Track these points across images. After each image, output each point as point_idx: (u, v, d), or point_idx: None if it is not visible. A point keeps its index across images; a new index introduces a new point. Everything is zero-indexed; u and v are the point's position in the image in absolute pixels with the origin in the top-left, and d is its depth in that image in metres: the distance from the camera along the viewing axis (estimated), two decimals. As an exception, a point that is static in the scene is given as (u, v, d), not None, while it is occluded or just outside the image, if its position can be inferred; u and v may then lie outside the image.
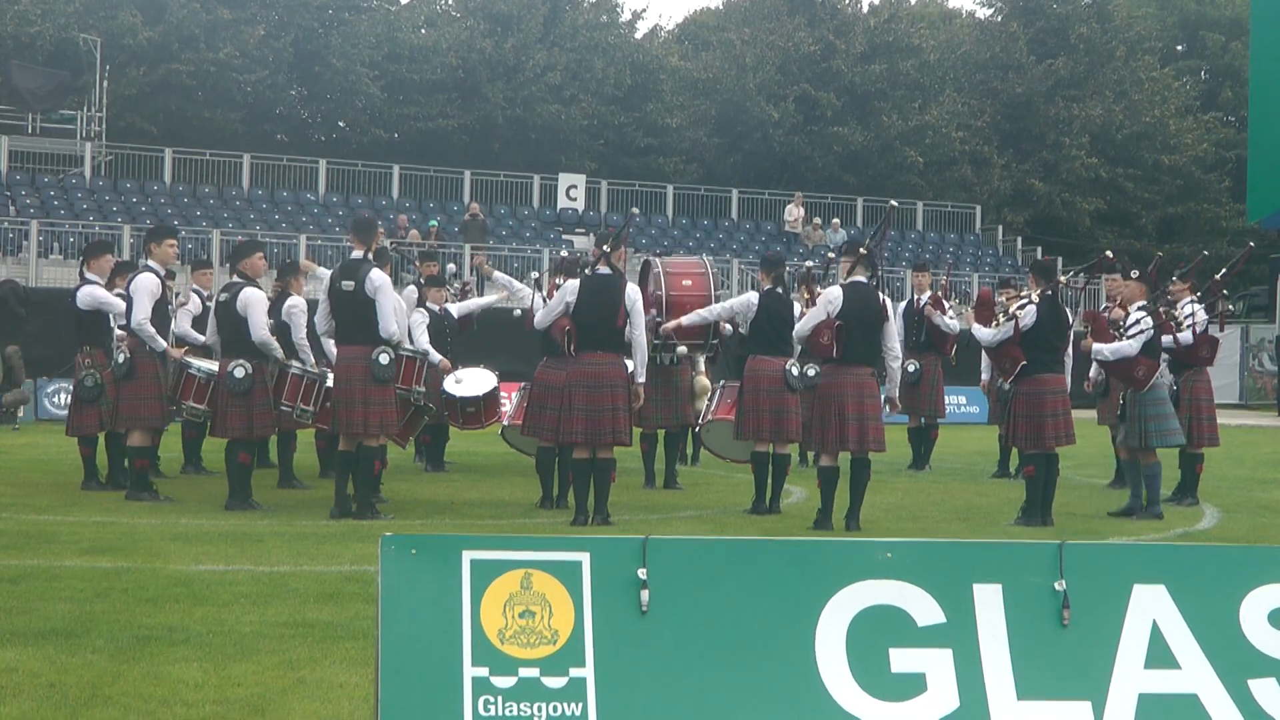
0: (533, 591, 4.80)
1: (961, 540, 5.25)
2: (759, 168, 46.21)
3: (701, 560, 4.98)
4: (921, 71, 47.96)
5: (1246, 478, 17.94)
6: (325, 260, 30.78)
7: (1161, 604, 5.06)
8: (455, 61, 43.37)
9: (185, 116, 40.57)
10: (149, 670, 6.56)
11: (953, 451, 20.44)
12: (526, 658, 4.73)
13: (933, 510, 13.75)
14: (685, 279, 13.27)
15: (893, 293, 31.81)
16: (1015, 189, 48.85)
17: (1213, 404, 14.65)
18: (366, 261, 12.09)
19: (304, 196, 38.27)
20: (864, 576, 4.98)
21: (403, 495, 13.85)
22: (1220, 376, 28.46)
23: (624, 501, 13.36)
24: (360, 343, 12.02)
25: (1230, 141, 51.98)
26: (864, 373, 12.14)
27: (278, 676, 6.50)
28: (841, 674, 4.86)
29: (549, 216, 40.08)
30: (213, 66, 39.95)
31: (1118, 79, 50.47)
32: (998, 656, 4.94)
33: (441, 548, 4.85)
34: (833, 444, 12.14)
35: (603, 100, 44.74)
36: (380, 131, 43.21)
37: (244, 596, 8.37)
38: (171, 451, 15.68)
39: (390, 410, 12.20)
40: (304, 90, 44.37)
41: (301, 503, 13.25)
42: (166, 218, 33.18)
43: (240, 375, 12.53)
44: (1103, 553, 5.30)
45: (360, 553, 9.96)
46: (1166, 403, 13.29)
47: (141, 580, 8.81)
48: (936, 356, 17.84)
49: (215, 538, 10.78)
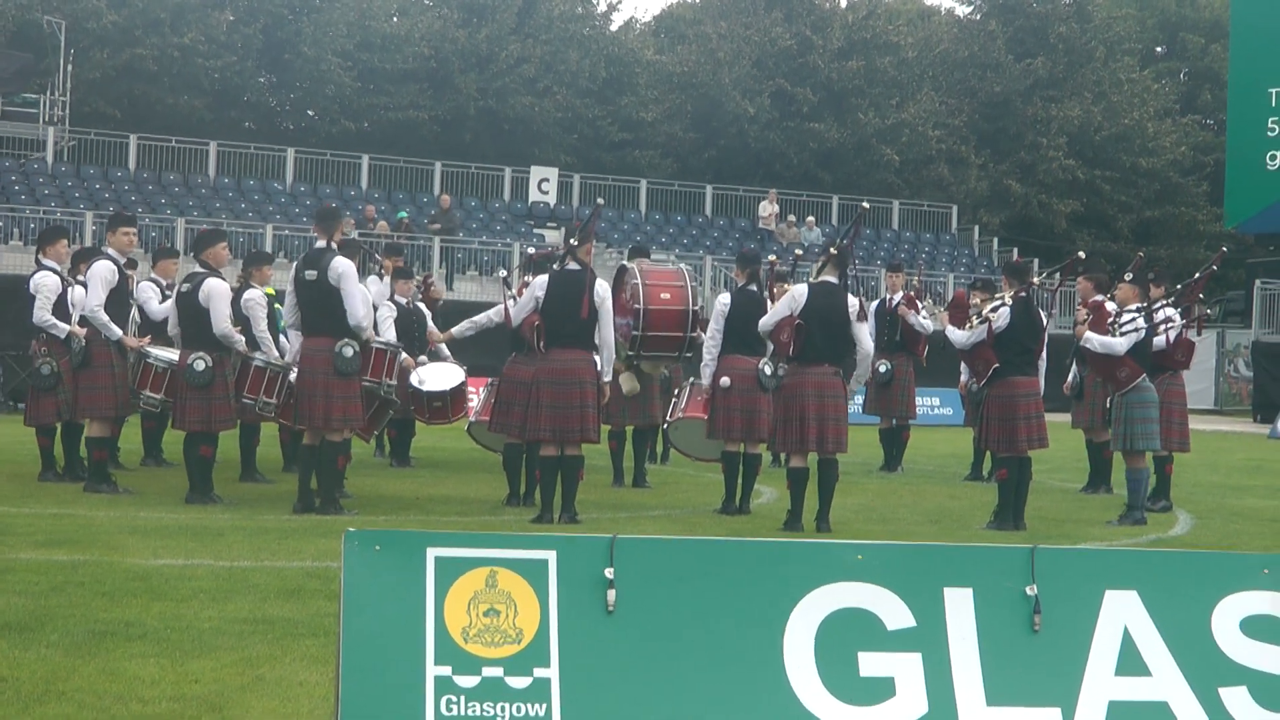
0: (498, 590, 4.79)
1: (933, 543, 5.25)
2: (734, 163, 46.24)
3: (670, 560, 4.97)
4: (899, 69, 48.06)
5: (1220, 484, 18.03)
6: (293, 252, 30.72)
7: (1133, 610, 5.07)
8: (427, 51, 43.26)
9: (150, 102, 40.37)
10: (104, 666, 6.52)
11: (925, 454, 20.48)
12: (490, 657, 4.72)
13: (904, 513, 13.78)
14: (664, 291, 13.26)
15: (866, 292, 31.84)
16: (992, 189, 49.02)
17: (1185, 408, 14.73)
18: (330, 250, 12.04)
19: (271, 186, 38.13)
20: (834, 579, 4.98)
21: (367, 490, 13.82)
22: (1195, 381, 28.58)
23: (592, 500, 13.34)
24: (325, 334, 11.97)
25: (1209, 145, 52.24)
26: (827, 372, 12.14)
27: (236, 674, 6.47)
28: (810, 677, 4.86)
29: (520, 210, 40.02)
30: (178, 52, 39.75)
31: (1097, 80, 50.67)
32: (968, 661, 4.95)
33: (405, 544, 4.83)
34: (795, 444, 12.17)
35: (577, 93, 44.71)
36: (350, 121, 43.08)
37: (203, 592, 8.34)
38: (131, 443, 15.60)
39: (354, 404, 12.16)
40: (273, 78, 44.20)
41: (263, 497, 13.20)
42: (130, 205, 33.03)
43: (201, 368, 12.47)
44: (1075, 558, 5.31)
45: (323, 548, 9.93)
46: (1154, 405, 13.34)
47: (98, 574, 8.77)
48: (908, 357, 17.84)
49: (175, 531, 10.73)
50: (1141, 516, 13.30)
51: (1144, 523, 13.26)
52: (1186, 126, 52.89)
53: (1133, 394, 13.15)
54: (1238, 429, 32.40)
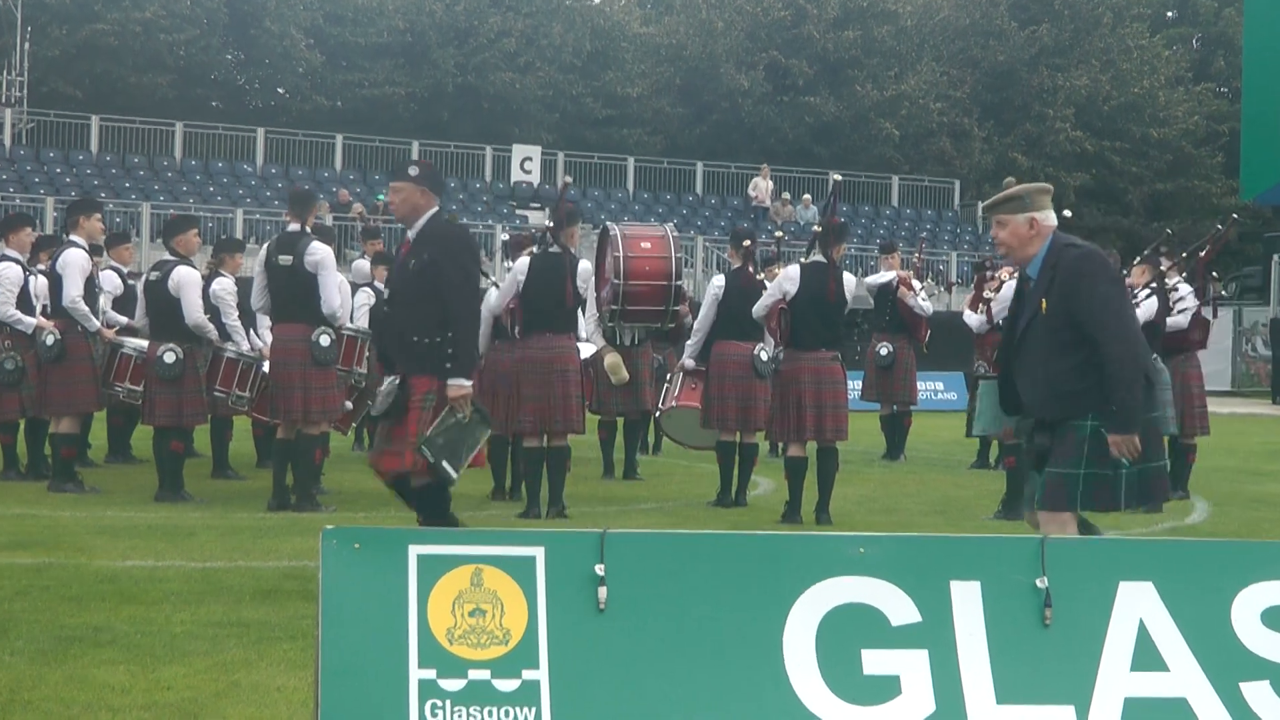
0: (483, 589, 4.79)
1: (938, 535, 5.27)
2: (726, 139, 46.21)
3: (663, 555, 4.98)
4: (898, 39, 48.02)
5: (1239, 469, 18.07)
6: (264, 237, 30.68)
7: (1149, 602, 5.08)
8: (402, 25, 43.16)
9: (112, 81, 40.28)
10: (72, 673, 6.52)
11: (929, 441, 20.51)
12: (477, 659, 4.72)
13: (908, 503, 13.80)
14: (644, 241, 13.19)
15: (866, 273, 31.87)
16: (997, 163, 48.98)
17: (1203, 391, 14.75)
18: (305, 234, 12.03)
19: (240, 168, 38.08)
20: (835, 573, 4.99)
21: (345, 486, 13.81)
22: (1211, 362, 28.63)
23: (580, 493, 13.36)
24: (299, 321, 11.95)
25: (1223, 114, 52.25)
26: (824, 358, 12.13)
27: (210, 680, 6.47)
28: (811, 676, 4.87)
29: (502, 190, 40.00)
30: (139, 27, 39.61)
31: (1105, 47, 50.66)
32: (976, 658, 4.96)
33: (386, 542, 4.84)
34: (792, 433, 12.17)
35: (560, 68, 44.63)
36: (322, 99, 43.00)
37: (175, 594, 8.34)
38: (97, 439, 15.59)
39: (332, 396, 12.16)
40: (240, 54, 44.10)
41: (237, 494, 13.20)
42: (93, 189, 32.98)
43: (170, 361, 12.45)
44: (1087, 548, 5.32)
45: (299, 547, 9.93)
46: (1168, 388, 13.36)
47: (65, 577, 8.76)
48: (909, 339, 17.77)
49: (144, 531, 10.73)
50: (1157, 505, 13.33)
51: (1159, 510, 13.28)
52: (1200, 95, 52.91)
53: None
54: (1256, 411, 32.47)
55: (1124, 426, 6.62)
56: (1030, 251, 6.87)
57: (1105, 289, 6.68)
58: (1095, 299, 6.63)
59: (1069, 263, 6.71)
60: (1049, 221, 6.87)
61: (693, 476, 15.62)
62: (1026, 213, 6.83)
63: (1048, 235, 6.84)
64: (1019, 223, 6.84)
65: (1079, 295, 6.65)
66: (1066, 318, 6.67)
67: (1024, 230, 6.84)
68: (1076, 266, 6.69)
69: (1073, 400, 6.72)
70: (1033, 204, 6.86)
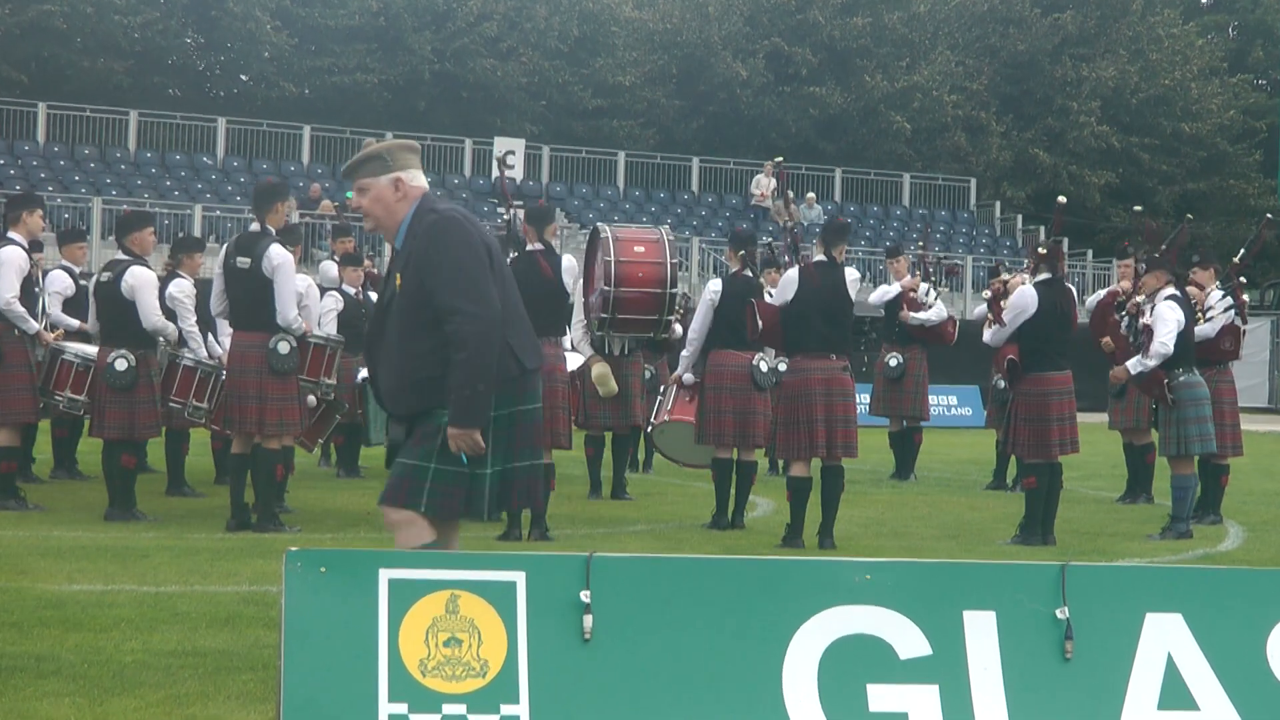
0: (459, 616, 4.79)
1: (950, 561, 5.27)
2: (724, 133, 46.29)
3: (653, 581, 4.98)
4: (910, 26, 48.13)
5: (1276, 492, 18.08)
6: (225, 236, 30.67)
7: (1178, 635, 5.09)
8: (376, 6, 43.17)
9: (61, 65, 40.27)
10: (12, 707, 6.51)
11: (941, 459, 20.52)
12: (452, 692, 4.72)
13: (918, 526, 13.81)
14: (638, 245, 13.21)
15: (874, 277, 31.91)
16: (1016, 160, 49.12)
17: (1236, 407, 14.76)
18: (266, 235, 12.01)
19: (200, 160, 38.07)
20: (839, 601, 5.00)
21: (311, 505, 13.81)
22: (1246, 377, 28.68)
23: (565, 513, 13.36)
24: (257, 328, 11.94)
25: (1261, 108, 52.40)
26: (834, 367, 12.10)
27: (163, 714, 6.46)
28: (813, 712, 4.88)
29: (482, 186, 40.02)
30: (91, 8, 39.59)
31: (1133, 36, 50.78)
32: (991, 694, 4.96)
33: (355, 565, 4.84)
34: (802, 450, 12.13)
35: (545, 54, 44.68)
36: (289, 86, 43.01)
37: (125, 621, 8.32)
38: (42, 452, 15.57)
39: (292, 408, 12.14)
40: (200, 37, 44.10)
41: (193, 513, 13.18)
42: (39, 183, 32.98)
43: (122, 368, 12.42)
44: (1111, 576, 5.33)
45: (260, 570, 9.92)
46: (1206, 403, 13.39)
47: (5, 602, 8.74)
48: (922, 350, 17.76)
49: (92, 553, 10.71)
50: (1187, 529, 13.34)
51: (1190, 536, 13.29)
52: (1235, 87, 53.04)
53: (1184, 390, 13.19)
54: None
55: (463, 418, 6.13)
56: (398, 219, 6.47)
57: (460, 256, 6.28)
58: (445, 269, 6.25)
59: (424, 229, 6.35)
60: (417, 182, 6.51)
61: (686, 496, 15.62)
62: (390, 173, 6.46)
63: (415, 199, 6.47)
64: (383, 185, 6.46)
65: (430, 266, 6.28)
66: (424, 294, 6.29)
67: (389, 194, 6.46)
68: (430, 233, 6.33)
69: (431, 387, 6.27)
70: (396, 163, 6.49)
